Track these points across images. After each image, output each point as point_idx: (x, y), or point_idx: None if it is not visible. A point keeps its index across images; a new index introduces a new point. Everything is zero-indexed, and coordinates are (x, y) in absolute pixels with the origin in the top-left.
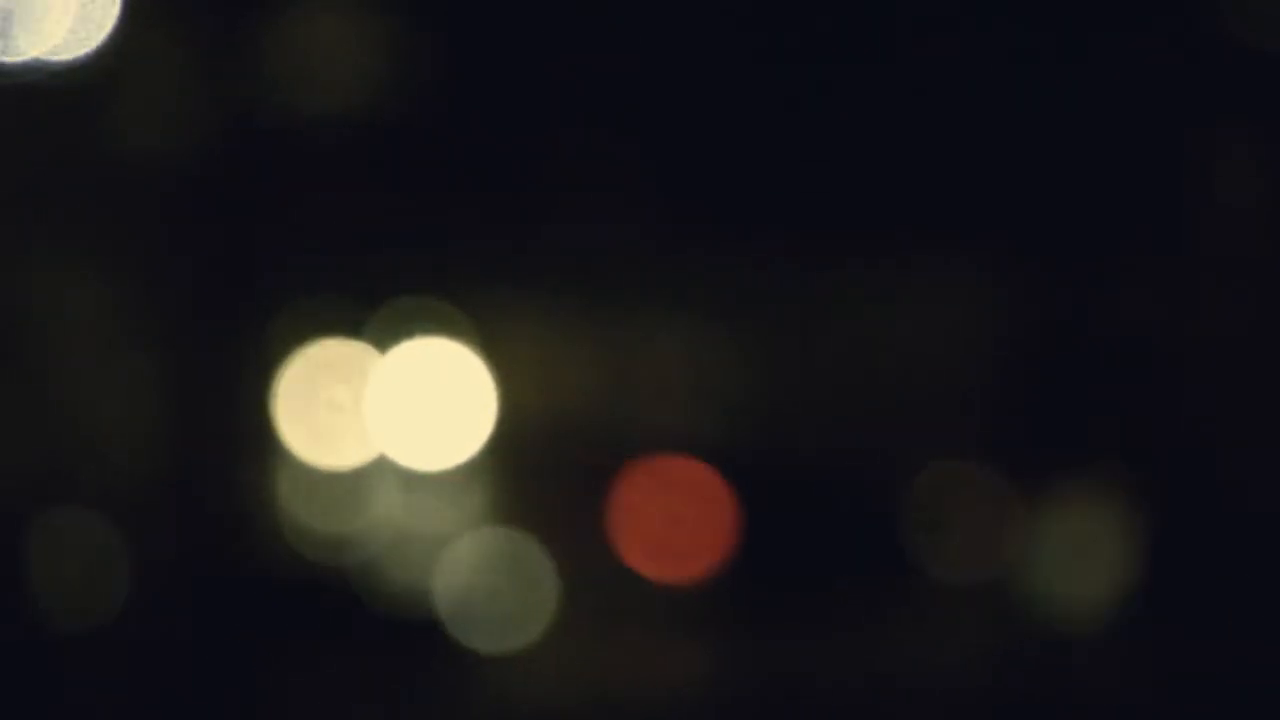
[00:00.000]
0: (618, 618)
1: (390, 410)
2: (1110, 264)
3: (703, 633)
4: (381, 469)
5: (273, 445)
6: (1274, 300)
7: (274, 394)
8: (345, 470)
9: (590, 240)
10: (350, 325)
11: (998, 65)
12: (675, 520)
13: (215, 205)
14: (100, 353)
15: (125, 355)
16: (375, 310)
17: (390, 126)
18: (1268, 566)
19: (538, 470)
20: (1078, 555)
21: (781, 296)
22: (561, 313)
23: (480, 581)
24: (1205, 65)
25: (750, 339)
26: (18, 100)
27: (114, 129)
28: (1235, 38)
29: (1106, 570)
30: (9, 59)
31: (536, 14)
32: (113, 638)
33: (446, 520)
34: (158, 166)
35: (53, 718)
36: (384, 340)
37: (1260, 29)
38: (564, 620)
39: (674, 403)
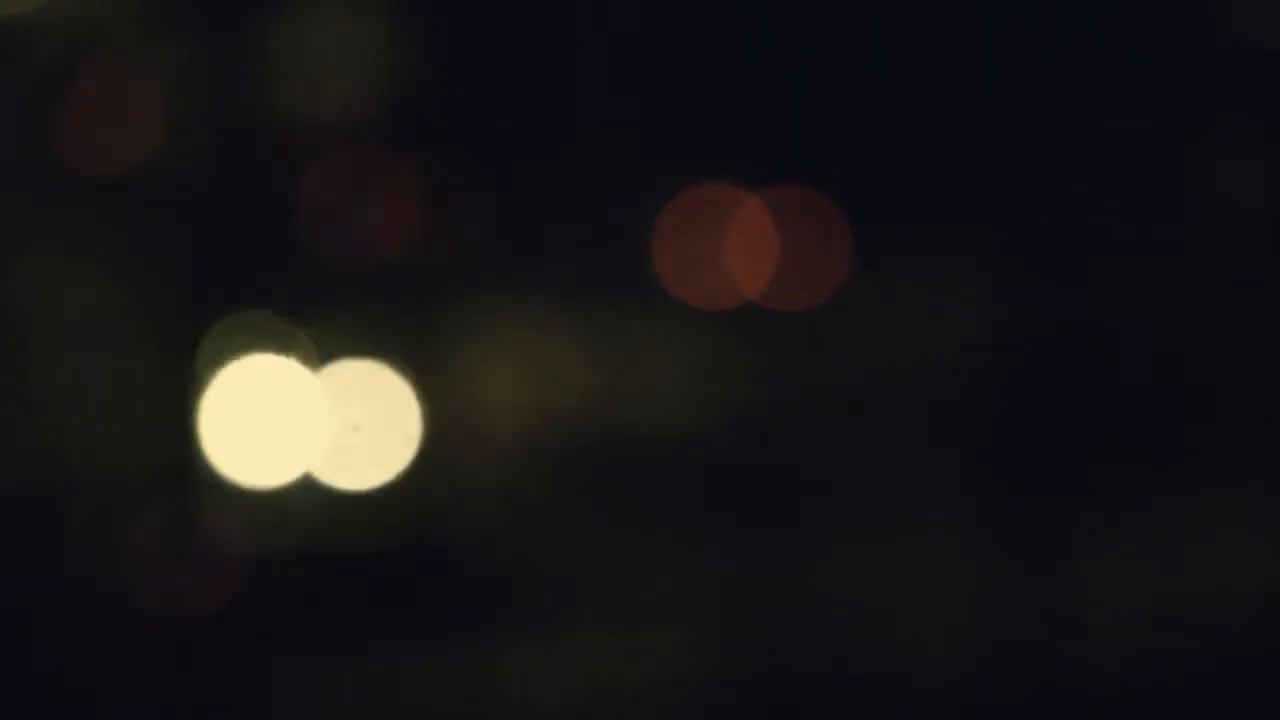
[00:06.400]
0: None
1: (318, 428)
2: (1108, 264)
3: (698, 627)
4: (306, 488)
5: (199, 463)
6: (1274, 300)
7: (201, 411)
8: (271, 489)
9: (589, 241)
10: (279, 342)
11: (997, 64)
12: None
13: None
14: (53, 356)
15: (68, 361)
16: (305, 328)
17: (382, 130)
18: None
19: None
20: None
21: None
22: (562, 315)
23: (413, 593)
24: (1205, 65)
25: (749, 339)
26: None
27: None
28: (1235, 38)
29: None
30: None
31: (531, 14)
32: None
33: (372, 537)
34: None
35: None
36: (310, 358)
37: (1260, 29)
38: (510, 627)
39: (664, 403)
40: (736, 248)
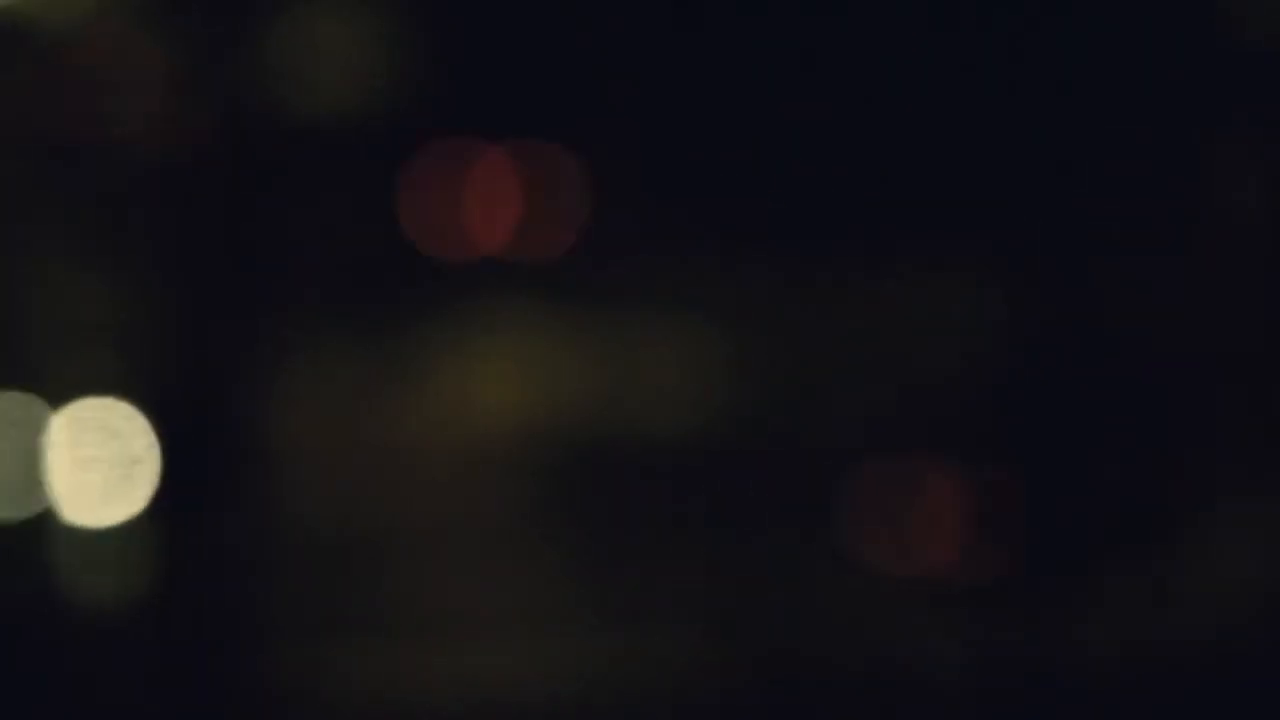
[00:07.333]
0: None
1: (60, 464)
2: (1107, 264)
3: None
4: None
5: None
6: (1274, 300)
7: None
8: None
9: (587, 244)
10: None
11: (994, 63)
12: None
13: None
14: None
15: None
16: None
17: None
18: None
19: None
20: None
21: (771, 298)
22: (559, 318)
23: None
24: (1205, 65)
25: (742, 340)
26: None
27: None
28: (1235, 38)
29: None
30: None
31: (526, 15)
32: None
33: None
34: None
35: None
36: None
37: (1260, 29)
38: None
39: (664, 409)
40: (478, 200)
